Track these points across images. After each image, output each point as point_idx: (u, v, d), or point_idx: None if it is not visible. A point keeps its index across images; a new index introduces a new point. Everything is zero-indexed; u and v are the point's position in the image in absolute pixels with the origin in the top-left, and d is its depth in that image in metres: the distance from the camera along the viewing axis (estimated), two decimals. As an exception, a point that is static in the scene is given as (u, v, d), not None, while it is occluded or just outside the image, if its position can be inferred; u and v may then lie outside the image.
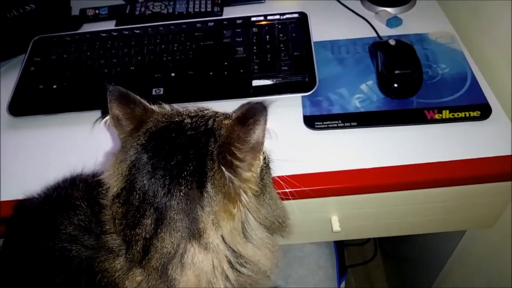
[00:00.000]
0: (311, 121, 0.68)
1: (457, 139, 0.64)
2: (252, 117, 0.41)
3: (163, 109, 0.50)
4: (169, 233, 0.41)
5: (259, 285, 0.50)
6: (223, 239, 0.43)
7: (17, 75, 0.78)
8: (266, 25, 0.80)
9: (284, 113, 0.69)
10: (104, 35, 0.82)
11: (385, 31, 0.81)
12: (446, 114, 0.66)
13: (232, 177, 0.42)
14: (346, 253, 1.29)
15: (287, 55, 0.74)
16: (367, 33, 0.81)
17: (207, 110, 0.49)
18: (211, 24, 0.82)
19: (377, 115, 0.68)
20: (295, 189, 0.58)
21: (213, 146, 0.43)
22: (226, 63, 0.75)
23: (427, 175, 0.61)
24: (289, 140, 0.65)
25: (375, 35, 0.80)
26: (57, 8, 0.90)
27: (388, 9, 0.85)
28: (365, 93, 0.71)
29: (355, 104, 0.69)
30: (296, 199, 0.57)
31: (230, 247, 0.44)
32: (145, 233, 0.42)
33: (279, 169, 0.53)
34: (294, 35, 0.77)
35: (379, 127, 0.67)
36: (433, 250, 1.00)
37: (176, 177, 0.42)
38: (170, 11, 0.90)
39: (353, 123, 0.67)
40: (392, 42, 0.72)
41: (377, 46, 0.74)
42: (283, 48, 0.75)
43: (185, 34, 0.80)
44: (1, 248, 0.53)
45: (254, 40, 0.78)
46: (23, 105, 0.74)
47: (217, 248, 0.43)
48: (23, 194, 0.57)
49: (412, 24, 0.82)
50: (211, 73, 0.74)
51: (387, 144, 0.65)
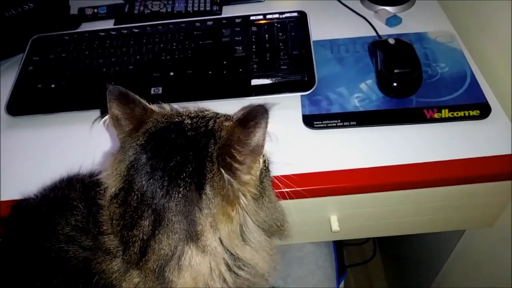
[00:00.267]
0: (310, 121, 0.68)
1: (456, 138, 0.64)
2: (253, 119, 0.41)
3: (162, 109, 0.49)
4: (167, 235, 0.41)
5: (257, 287, 0.50)
6: (221, 241, 0.43)
7: (15, 74, 0.78)
8: (265, 24, 0.80)
9: (283, 112, 0.69)
10: (102, 34, 0.82)
11: (385, 30, 0.81)
12: (445, 113, 0.66)
13: (231, 179, 0.42)
14: (345, 253, 1.29)
15: (286, 54, 0.74)
16: (366, 32, 0.81)
17: (207, 111, 0.48)
18: (210, 23, 0.82)
19: (377, 114, 0.68)
20: (294, 189, 0.58)
21: (213, 147, 0.43)
22: (225, 62, 0.74)
23: (426, 174, 0.61)
24: (288, 139, 0.65)
25: (374, 34, 0.80)
26: (55, 7, 0.89)
27: (387, 8, 0.84)
28: (365, 92, 0.71)
29: (355, 103, 0.69)
30: (295, 198, 0.57)
31: (228, 250, 0.43)
32: (142, 235, 0.42)
33: (278, 169, 0.53)
34: (293, 34, 0.77)
35: (378, 126, 0.66)
36: (432, 249, 1.00)
37: (175, 178, 0.42)
38: (169, 10, 0.90)
39: (352, 123, 0.67)
40: (391, 41, 0.71)
41: (377, 45, 0.73)
42: (282, 47, 0.75)
43: (184, 33, 0.80)
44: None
45: (253, 39, 0.77)
46: (21, 104, 0.74)
47: (215, 250, 0.42)
48: (20, 194, 0.57)
49: (411, 23, 0.82)
50: (210, 72, 0.73)
51: (386, 143, 0.64)
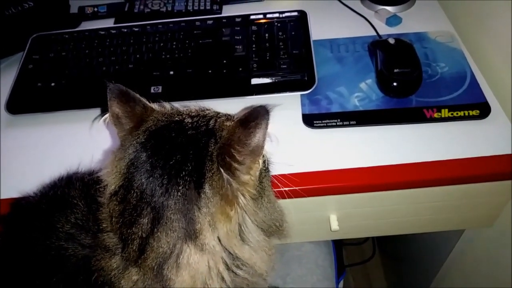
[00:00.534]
0: (310, 120, 0.68)
1: (456, 138, 0.64)
2: (254, 120, 0.41)
3: (163, 107, 0.49)
4: (166, 233, 0.41)
5: (256, 287, 0.50)
6: (219, 240, 0.43)
7: (15, 72, 0.78)
8: (265, 23, 0.80)
9: (283, 111, 0.68)
10: (102, 33, 0.82)
11: (385, 30, 0.81)
12: (445, 113, 0.66)
13: (230, 179, 0.42)
14: (344, 252, 1.29)
15: (286, 54, 0.74)
16: (366, 31, 0.81)
17: (208, 110, 0.48)
18: (210, 22, 0.82)
19: (376, 114, 0.68)
20: (294, 188, 0.58)
21: (213, 147, 0.43)
22: (225, 62, 0.74)
23: (426, 174, 0.61)
24: (288, 139, 0.65)
25: (374, 33, 0.80)
26: (55, 5, 0.90)
27: (387, 8, 0.84)
28: (364, 92, 0.71)
29: (354, 102, 0.69)
30: (294, 197, 0.57)
31: (226, 249, 0.43)
32: (141, 232, 0.42)
33: (278, 168, 0.53)
34: (293, 33, 0.77)
35: (378, 125, 0.66)
36: (432, 249, 1.00)
37: (174, 176, 0.42)
38: (169, 9, 0.90)
39: (352, 122, 0.67)
40: (391, 40, 0.71)
41: (377, 44, 0.73)
42: (282, 46, 0.75)
43: (184, 32, 0.80)
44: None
45: (253, 38, 0.77)
46: (21, 103, 0.74)
47: (213, 249, 0.42)
48: (20, 192, 0.57)
49: (411, 23, 0.82)
50: (210, 71, 0.73)
51: (386, 142, 0.64)
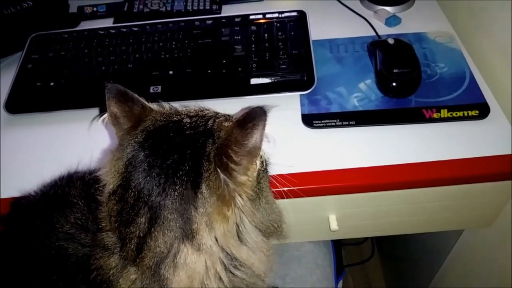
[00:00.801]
0: (309, 120, 0.68)
1: (455, 138, 0.64)
2: (251, 121, 0.41)
3: (162, 107, 0.49)
4: (163, 233, 0.41)
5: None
6: (216, 241, 0.42)
7: (14, 72, 0.78)
8: (264, 23, 0.80)
9: (282, 111, 0.69)
10: (102, 32, 0.82)
11: (384, 30, 0.81)
12: (444, 113, 0.66)
13: (227, 179, 0.42)
14: (343, 252, 1.29)
15: (286, 54, 0.74)
16: (366, 32, 0.81)
17: (207, 110, 0.48)
18: (209, 22, 0.82)
19: (376, 114, 0.68)
20: (293, 188, 0.58)
21: (211, 147, 0.43)
22: (224, 61, 0.74)
23: (425, 174, 0.61)
24: (287, 139, 0.65)
25: (374, 34, 0.80)
26: (54, 5, 0.90)
27: (387, 8, 0.85)
28: (364, 92, 0.71)
29: (354, 103, 0.69)
30: (294, 198, 0.57)
31: (223, 249, 0.43)
32: (139, 231, 0.42)
33: (277, 168, 0.53)
34: (292, 33, 0.77)
35: (377, 126, 0.67)
36: (431, 249, 1.00)
37: (171, 176, 0.42)
38: (168, 9, 0.89)
39: (351, 122, 0.67)
40: (391, 41, 0.72)
41: (376, 45, 0.74)
42: (282, 46, 0.75)
43: (183, 32, 0.80)
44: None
45: (252, 38, 0.77)
46: (20, 102, 0.74)
47: (210, 249, 0.42)
48: (20, 191, 0.57)
49: (411, 23, 0.82)
50: (209, 71, 0.73)
51: (385, 143, 0.64)
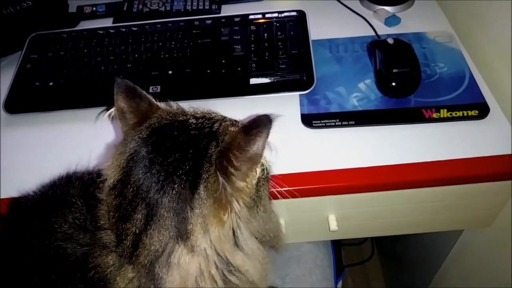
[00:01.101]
0: (308, 120, 0.68)
1: (455, 138, 0.64)
2: (256, 128, 0.41)
3: (169, 106, 0.49)
4: (158, 231, 0.41)
5: None
6: (211, 244, 0.42)
7: (13, 72, 0.78)
8: (264, 23, 0.80)
9: (281, 111, 0.68)
10: (101, 32, 0.82)
11: (384, 30, 0.81)
12: (444, 113, 0.66)
13: (225, 183, 0.42)
14: (343, 252, 1.29)
15: (285, 54, 0.74)
16: (365, 31, 0.81)
17: (214, 113, 0.48)
18: (209, 21, 0.82)
19: (375, 114, 0.68)
20: (292, 188, 0.58)
21: (213, 149, 0.42)
22: (223, 61, 0.74)
23: (424, 174, 0.61)
24: (287, 138, 0.65)
25: (373, 33, 0.80)
26: (54, 5, 0.89)
27: (386, 8, 0.84)
28: (363, 92, 0.71)
29: (353, 102, 0.69)
30: (293, 197, 0.57)
31: (218, 254, 0.43)
32: (135, 228, 0.42)
33: (277, 168, 0.53)
34: (292, 33, 0.77)
35: (377, 126, 0.66)
36: (430, 249, 1.00)
37: (171, 174, 0.41)
38: (167, 8, 0.89)
39: (351, 122, 0.67)
40: (390, 40, 0.72)
41: (376, 44, 0.74)
42: (281, 46, 0.75)
43: (183, 31, 0.80)
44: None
45: (252, 38, 0.77)
46: (19, 102, 0.74)
47: (204, 252, 0.42)
48: (19, 191, 0.56)
49: (410, 23, 0.82)
50: (209, 71, 0.73)
51: (385, 143, 0.64)
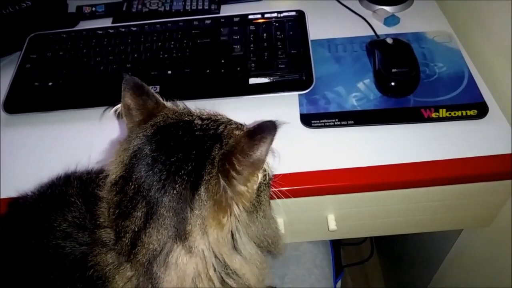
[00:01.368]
0: (308, 120, 0.68)
1: (454, 138, 0.64)
2: (260, 133, 0.41)
3: (175, 106, 0.49)
4: (157, 230, 0.41)
5: None
6: (209, 245, 0.42)
7: (13, 72, 0.78)
8: (263, 23, 0.80)
9: (281, 111, 0.69)
10: (100, 32, 0.82)
11: (383, 30, 0.81)
12: (443, 112, 0.66)
13: (226, 186, 0.42)
14: (342, 252, 1.29)
15: (284, 53, 0.74)
16: (364, 31, 0.81)
17: (220, 116, 0.48)
18: (208, 21, 0.82)
19: (374, 114, 0.68)
20: (292, 188, 0.58)
21: (217, 151, 0.42)
22: (223, 61, 0.74)
23: (423, 173, 0.61)
24: (286, 138, 0.65)
25: (372, 33, 0.80)
26: (53, 5, 0.89)
27: (385, 8, 0.85)
28: (362, 92, 0.71)
29: (352, 102, 0.69)
30: (292, 197, 0.57)
31: (215, 256, 0.43)
32: (134, 226, 0.42)
33: (276, 168, 0.53)
34: (291, 33, 0.77)
35: (376, 125, 0.67)
36: (430, 249, 1.00)
37: (173, 174, 0.41)
38: (167, 8, 0.89)
39: (350, 122, 0.67)
40: (389, 40, 0.72)
41: (375, 44, 0.74)
42: (280, 46, 0.75)
43: (182, 31, 0.80)
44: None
45: (251, 38, 0.77)
46: (19, 102, 0.74)
47: (202, 254, 0.42)
48: (18, 191, 0.56)
49: (409, 22, 0.82)
50: (208, 71, 0.73)
51: (384, 142, 0.64)
